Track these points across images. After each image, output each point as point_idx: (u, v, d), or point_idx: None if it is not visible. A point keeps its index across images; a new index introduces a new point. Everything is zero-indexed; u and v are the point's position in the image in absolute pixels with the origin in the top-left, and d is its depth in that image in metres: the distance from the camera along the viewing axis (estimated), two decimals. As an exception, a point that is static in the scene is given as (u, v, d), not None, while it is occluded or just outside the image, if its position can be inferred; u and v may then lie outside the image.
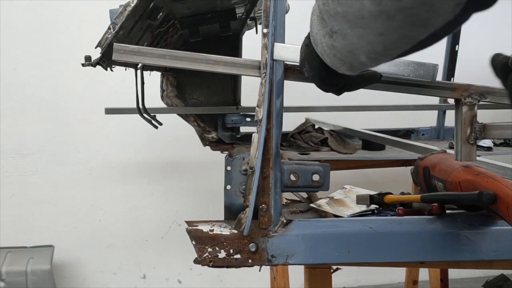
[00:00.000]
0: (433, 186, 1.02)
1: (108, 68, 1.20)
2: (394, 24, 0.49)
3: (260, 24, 1.54)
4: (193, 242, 0.87)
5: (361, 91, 0.88)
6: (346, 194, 1.11)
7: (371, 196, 0.98)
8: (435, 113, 1.98)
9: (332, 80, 0.76)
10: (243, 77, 1.63)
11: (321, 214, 1.01)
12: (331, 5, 0.56)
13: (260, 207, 0.86)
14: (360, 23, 0.53)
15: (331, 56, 0.65)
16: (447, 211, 0.91)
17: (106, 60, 1.13)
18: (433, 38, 0.54)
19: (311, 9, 0.64)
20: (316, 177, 0.89)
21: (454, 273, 2.12)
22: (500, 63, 0.69)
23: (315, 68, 0.74)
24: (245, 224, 0.85)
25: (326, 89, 0.79)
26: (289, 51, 0.83)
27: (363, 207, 1.00)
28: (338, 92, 0.81)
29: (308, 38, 0.74)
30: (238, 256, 0.86)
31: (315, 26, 0.65)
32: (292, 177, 0.89)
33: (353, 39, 0.56)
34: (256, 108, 0.84)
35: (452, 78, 1.93)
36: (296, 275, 1.53)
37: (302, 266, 0.99)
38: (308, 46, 0.73)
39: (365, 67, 0.64)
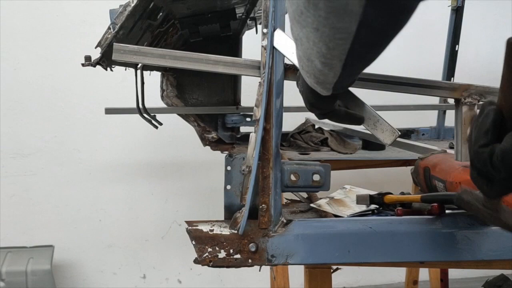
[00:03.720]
0: (433, 186, 1.02)
1: (108, 68, 1.20)
2: (322, 14, 0.50)
3: (260, 24, 1.54)
4: (193, 242, 0.87)
5: (361, 90, 0.88)
6: (346, 194, 1.11)
7: (371, 196, 0.98)
8: (435, 113, 1.98)
9: (316, 103, 0.79)
10: (243, 77, 1.63)
11: (321, 214, 1.01)
12: (289, 8, 0.58)
13: (260, 207, 0.86)
14: (302, 21, 0.54)
15: (301, 70, 0.67)
16: (447, 211, 0.91)
17: (106, 60, 1.13)
18: (372, 35, 0.54)
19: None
20: (316, 177, 0.89)
21: (454, 273, 2.12)
22: None
23: (304, 87, 0.76)
24: (240, 224, 0.85)
25: (310, 109, 0.83)
26: (288, 48, 0.84)
27: (363, 207, 1.00)
28: (321, 116, 0.84)
29: None
30: (238, 256, 0.86)
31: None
32: (293, 177, 0.89)
33: (305, 42, 0.58)
34: (254, 107, 0.84)
35: (452, 78, 1.93)
36: (296, 275, 1.53)
37: (302, 266, 0.99)
38: None
39: (327, 78, 0.65)
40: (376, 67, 0.81)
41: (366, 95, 0.89)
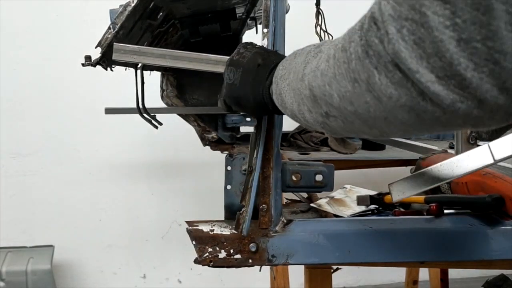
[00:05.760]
0: (436, 186, 1.02)
1: (108, 68, 1.20)
2: None
3: (260, 24, 1.54)
4: (194, 242, 0.87)
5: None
6: (346, 193, 1.11)
7: (371, 197, 0.98)
8: (435, 113, 1.97)
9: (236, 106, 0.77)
10: (243, 77, 1.63)
11: (322, 214, 1.01)
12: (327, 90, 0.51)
13: (261, 207, 0.86)
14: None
15: (311, 124, 0.60)
16: (446, 211, 0.90)
17: (106, 60, 1.13)
18: None
19: (311, 9, 0.64)
20: (319, 177, 0.89)
21: (454, 273, 2.12)
22: None
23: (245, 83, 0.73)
24: (243, 224, 0.85)
25: (228, 109, 0.80)
26: None
27: (363, 207, 1.00)
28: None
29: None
30: (238, 256, 0.86)
31: (288, 95, 0.62)
32: (294, 177, 0.89)
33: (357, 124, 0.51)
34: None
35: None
36: (296, 275, 1.53)
37: (302, 266, 0.99)
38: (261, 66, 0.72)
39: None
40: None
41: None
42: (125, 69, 1.40)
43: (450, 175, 0.75)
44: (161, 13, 1.25)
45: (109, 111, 1.73)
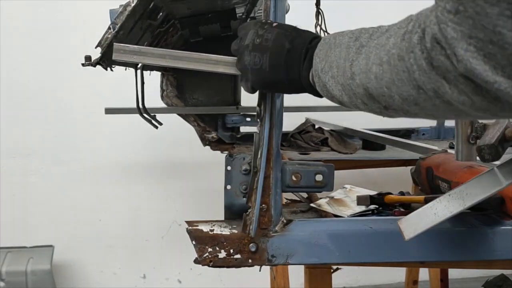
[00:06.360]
0: (436, 186, 1.01)
1: (108, 68, 1.20)
2: None
3: (260, 24, 1.54)
4: (194, 242, 0.87)
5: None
6: (346, 193, 1.11)
7: (371, 197, 0.98)
8: (435, 113, 1.97)
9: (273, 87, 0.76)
10: (243, 77, 1.63)
11: (321, 214, 1.01)
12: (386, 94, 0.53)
13: (260, 207, 0.86)
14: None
15: (365, 111, 0.64)
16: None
17: (106, 60, 1.13)
18: None
19: (311, 9, 0.64)
20: (319, 177, 0.89)
21: (454, 273, 2.12)
22: None
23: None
24: (249, 226, 0.85)
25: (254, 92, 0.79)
26: None
27: (363, 207, 1.00)
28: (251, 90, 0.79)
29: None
30: (238, 256, 0.86)
31: (335, 88, 0.63)
32: (294, 177, 0.89)
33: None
34: (257, 107, 0.85)
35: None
36: (296, 275, 1.53)
37: (302, 266, 0.99)
38: (290, 51, 0.71)
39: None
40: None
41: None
42: (125, 69, 1.40)
43: (462, 206, 0.75)
44: (161, 13, 1.25)
45: (109, 111, 1.73)
